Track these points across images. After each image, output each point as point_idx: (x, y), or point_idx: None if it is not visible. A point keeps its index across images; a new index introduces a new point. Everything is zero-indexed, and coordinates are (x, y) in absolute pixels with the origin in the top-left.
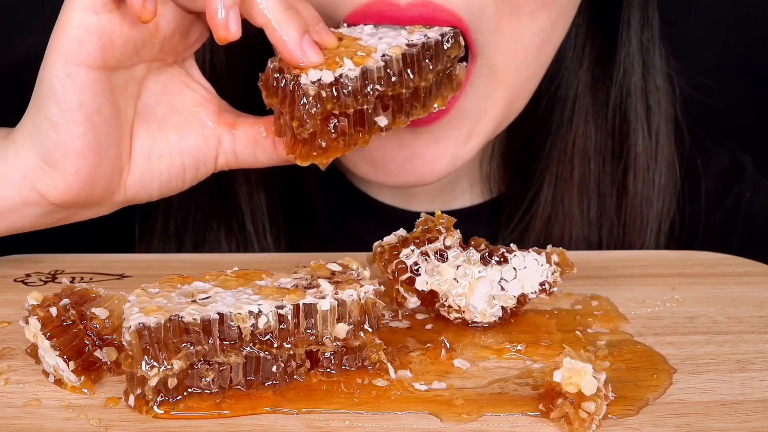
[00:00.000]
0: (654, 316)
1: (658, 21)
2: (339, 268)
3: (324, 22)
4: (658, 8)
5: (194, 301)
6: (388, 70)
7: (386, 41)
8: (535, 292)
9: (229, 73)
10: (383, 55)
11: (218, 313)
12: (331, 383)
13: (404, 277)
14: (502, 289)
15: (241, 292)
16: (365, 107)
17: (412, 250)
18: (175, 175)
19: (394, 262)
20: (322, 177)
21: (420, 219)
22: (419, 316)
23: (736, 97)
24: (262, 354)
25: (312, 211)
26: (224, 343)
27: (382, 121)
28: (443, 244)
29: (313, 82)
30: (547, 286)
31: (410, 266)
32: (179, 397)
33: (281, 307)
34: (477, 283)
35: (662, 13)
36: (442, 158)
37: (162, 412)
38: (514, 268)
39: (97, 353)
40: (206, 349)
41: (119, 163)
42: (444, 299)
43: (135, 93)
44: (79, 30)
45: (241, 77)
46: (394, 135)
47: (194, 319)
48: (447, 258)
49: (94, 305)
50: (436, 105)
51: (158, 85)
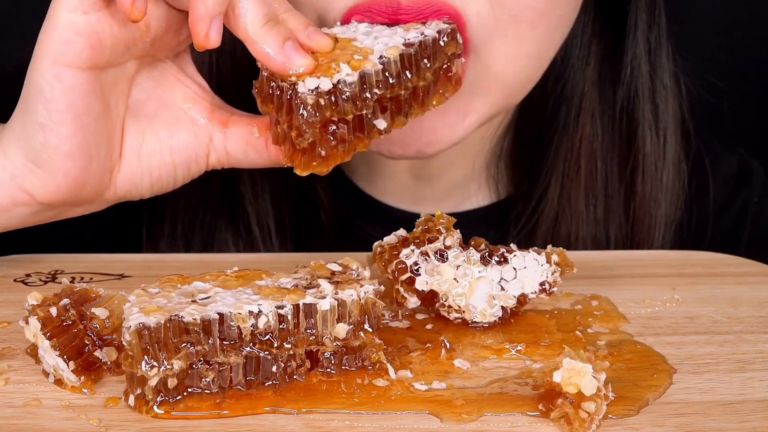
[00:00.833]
0: (654, 316)
1: (665, 20)
2: (339, 268)
3: (314, 26)
4: (665, 7)
5: (194, 301)
6: (386, 73)
7: (382, 41)
8: (535, 292)
9: (234, 72)
10: (380, 57)
11: (218, 313)
12: (331, 383)
13: (404, 277)
14: (502, 289)
15: (241, 292)
16: (364, 112)
17: (412, 250)
18: (166, 173)
19: (394, 262)
20: (329, 180)
21: (420, 219)
22: (419, 316)
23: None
24: (262, 354)
25: (318, 214)
26: (224, 343)
27: (381, 124)
28: (443, 244)
29: (311, 90)
30: (547, 286)
31: (410, 266)
32: (179, 397)
33: (281, 307)
34: (477, 283)
35: (669, 12)
36: (441, 130)
37: (162, 412)
38: (514, 268)
39: (97, 353)
40: (206, 349)
41: (109, 162)
42: (444, 299)
43: (125, 89)
44: (67, 30)
45: (248, 77)
46: None
47: (194, 319)
48: (447, 258)
49: (94, 305)
50: (434, 103)
51: (149, 80)
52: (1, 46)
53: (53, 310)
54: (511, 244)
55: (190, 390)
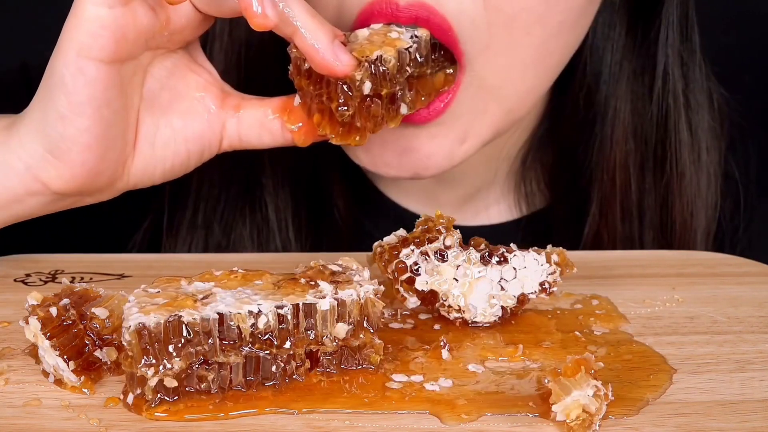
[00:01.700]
0: (654, 316)
1: (698, 35)
2: (339, 268)
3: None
4: (698, 23)
5: (194, 301)
6: (417, 53)
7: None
8: (535, 292)
9: (225, 59)
10: (412, 36)
11: (218, 313)
12: (331, 383)
13: (404, 277)
14: (502, 289)
15: (241, 292)
16: (397, 89)
17: (412, 250)
18: (179, 162)
19: (394, 262)
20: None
21: (420, 219)
22: (422, 316)
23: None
24: (261, 354)
25: (336, 214)
26: (224, 343)
27: (403, 108)
28: (443, 244)
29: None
30: (547, 286)
31: (410, 266)
32: (177, 397)
33: (281, 307)
34: (477, 283)
35: (702, 26)
36: (436, 154)
37: (164, 414)
38: (514, 268)
39: (97, 353)
40: (206, 349)
41: (124, 153)
42: (444, 299)
43: (140, 80)
44: (93, 24)
45: (263, 64)
46: (390, 132)
47: (194, 319)
48: (447, 258)
49: (94, 305)
50: (423, 98)
51: (162, 70)
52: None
53: (53, 310)
54: (511, 244)
55: (189, 390)
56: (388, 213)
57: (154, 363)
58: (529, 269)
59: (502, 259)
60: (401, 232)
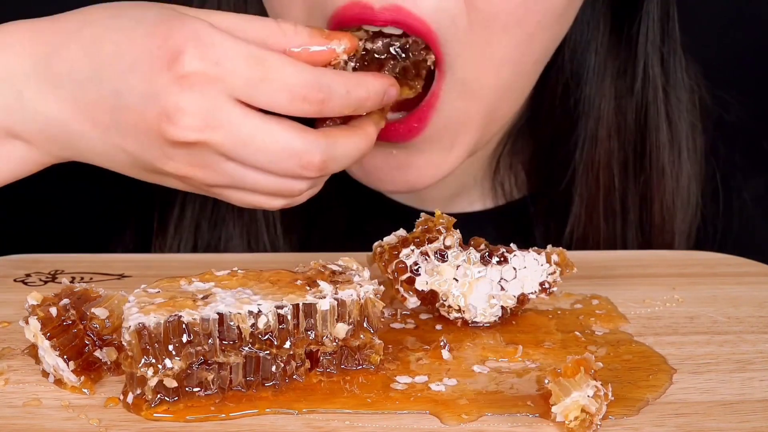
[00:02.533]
0: (654, 316)
1: (678, 33)
2: (339, 268)
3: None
4: (679, 21)
5: (194, 301)
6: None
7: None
8: (535, 292)
9: None
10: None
11: (218, 313)
12: (331, 383)
13: (404, 277)
14: (502, 289)
15: (241, 292)
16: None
17: (412, 250)
18: None
19: (394, 262)
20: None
21: (420, 219)
22: (423, 316)
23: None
24: (261, 354)
25: (326, 207)
26: (224, 343)
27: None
28: (443, 244)
29: None
30: (547, 286)
31: (410, 266)
32: (178, 397)
33: (281, 307)
34: (477, 283)
35: (683, 24)
36: (428, 167)
37: (168, 416)
38: (514, 268)
39: (97, 353)
40: (206, 349)
41: None
42: (444, 299)
43: None
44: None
45: None
46: (380, 149)
47: (194, 319)
48: (447, 258)
49: (94, 305)
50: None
51: None
52: None
53: (53, 310)
54: (511, 244)
55: (189, 390)
56: (383, 208)
57: (153, 363)
58: (529, 269)
59: (502, 259)
60: (401, 232)
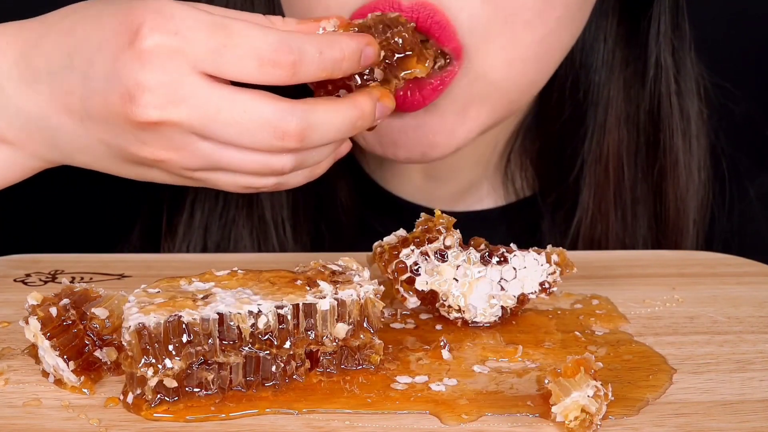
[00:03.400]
0: (654, 316)
1: (688, 26)
2: (339, 268)
3: (371, 41)
4: (687, 13)
5: (194, 301)
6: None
7: None
8: (535, 292)
9: None
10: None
11: (218, 313)
12: (331, 383)
13: (404, 277)
14: (502, 288)
15: (241, 292)
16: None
17: (412, 250)
18: None
19: (394, 262)
20: (347, 175)
21: (420, 219)
22: (423, 316)
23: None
24: (261, 354)
25: (334, 206)
26: (224, 343)
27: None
28: (443, 244)
29: None
30: (547, 286)
31: (410, 266)
32: (178, 397)
33: (281, 307)
34: (477, 283)
35: (691, 18)
36: (440, 132)
37: (168, 416)
38: (514, 268)
39: (97, 353)
40: (206, 349)
41: None
42: (444, 299)
43: None
44: None
45: None
46: (395, 116)
47: (194, 319)
48: (447, 258)
49: (93, 305)
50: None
51: None
52: None
53: (53, 310)
54: (512, 244)
55: (189, 390)
56: (390, 206)
57: (153, 363)
58: (529, 269)
59: (502, 259)
60: (401, 232)
